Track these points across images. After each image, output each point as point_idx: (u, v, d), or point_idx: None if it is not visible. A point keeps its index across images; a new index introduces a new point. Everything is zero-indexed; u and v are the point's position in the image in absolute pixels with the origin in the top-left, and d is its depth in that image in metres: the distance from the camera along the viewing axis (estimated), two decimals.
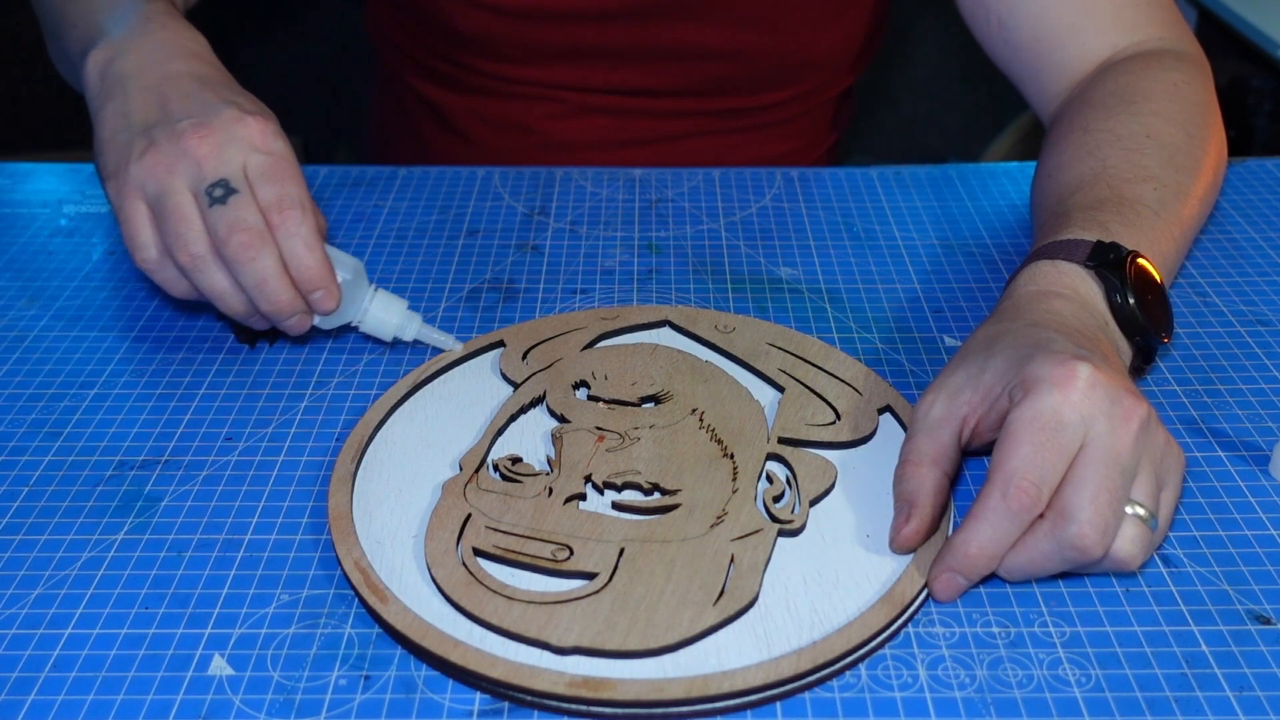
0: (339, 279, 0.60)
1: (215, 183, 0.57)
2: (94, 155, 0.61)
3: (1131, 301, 0.56)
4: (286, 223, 0.57)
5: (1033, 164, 0.83)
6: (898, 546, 0.49)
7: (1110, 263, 0.56)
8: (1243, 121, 1.61)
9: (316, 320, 0.61)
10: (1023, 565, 0.47)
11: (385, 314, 0.62)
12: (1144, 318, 0.56)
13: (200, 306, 0.67)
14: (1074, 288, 0.56)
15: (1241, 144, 1.61)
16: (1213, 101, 0.72)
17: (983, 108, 2.03)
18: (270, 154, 0.58)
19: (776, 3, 0.86)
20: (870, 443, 0.56)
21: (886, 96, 2.07)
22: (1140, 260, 0.57)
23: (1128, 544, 0.47)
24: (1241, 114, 1.61)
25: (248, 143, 0.58)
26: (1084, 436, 0.46)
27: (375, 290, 0.62)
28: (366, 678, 0.45)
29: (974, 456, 0.56)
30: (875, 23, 0.94)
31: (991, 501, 0.46)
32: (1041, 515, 0.46)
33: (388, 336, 0.63)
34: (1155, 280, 0.58)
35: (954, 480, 0.51)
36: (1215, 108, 0.71)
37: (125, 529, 0.52)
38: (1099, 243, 0.57)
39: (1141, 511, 0.47)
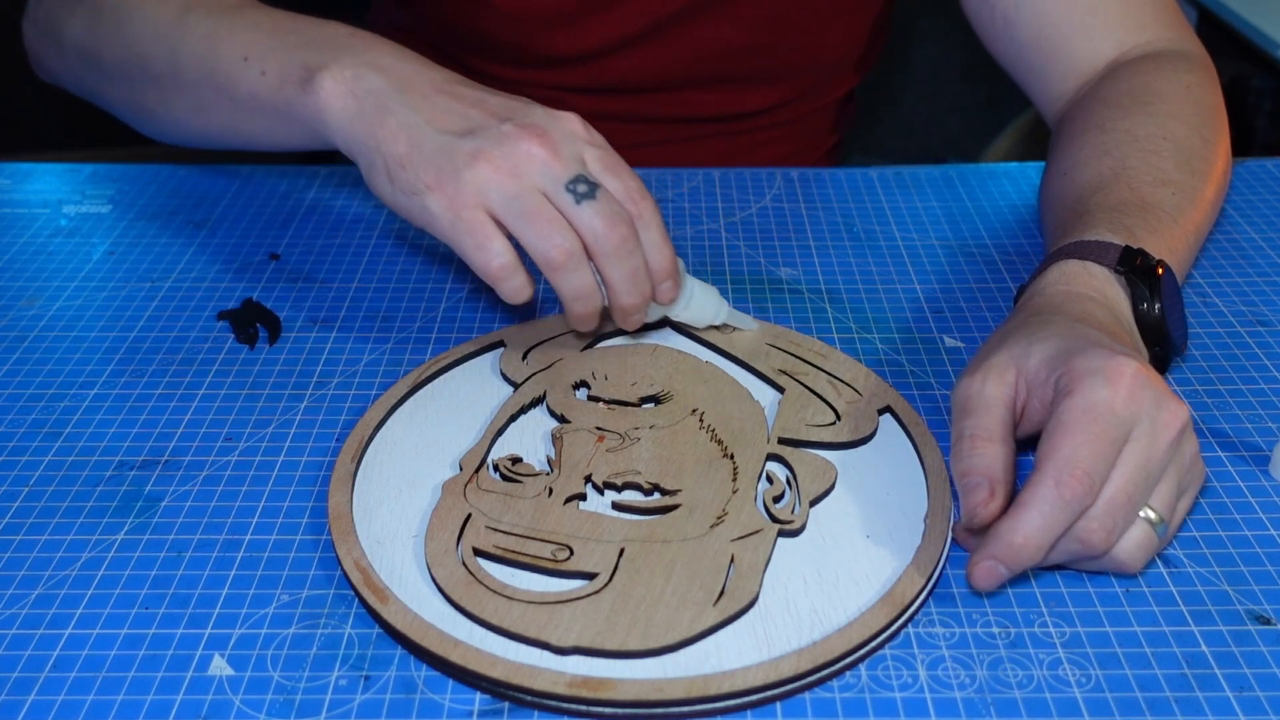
0: None
1: (574, 179, 0.55)
2: (381, 173, 0.57)
3: (1158, 310, 0.55)
4: (643, 213, 0.56)
5: (1034, 164, 0.83)
6: (978, 523, 0.47)
7: (1138, 269, 0.56)
8: (1243, 121, 1.61)
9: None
10: None
11: (705, 301, 0.61)
12: (1168, 326, 0.56)
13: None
14: (1102, 291, 0.56)
15: (1241, 144, 1.60)
16: (1221, 105, 0.72)
17: (983, 108, 2.03)
18: (602, 146, 0.57)
19: (790, 1, 0.85)
20: (870, 443, 0.56)
21: (887, 97, 2.07)
22: (1165, 268, 0.57)
23: (1132, 546, 0.47)
24: (1241, 114, 1.61)
25: (578, 137, 0.57)
26: (1128, 434, 0.46)
27: (690, 277, 0.61)
28: (366, 678, 0.45)
29: None
30: (882, 23, 0.94)
31: (1043, 490, 0.45)
32: None
33: (703, 324, 0.63)
34: (1177, 289, 0.58)
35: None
36: (1224, 112, 0.72)
37: (125, 529, 0.52)
38: (1127, 248, 0.57)
39: (1153, 515, 0.47)
